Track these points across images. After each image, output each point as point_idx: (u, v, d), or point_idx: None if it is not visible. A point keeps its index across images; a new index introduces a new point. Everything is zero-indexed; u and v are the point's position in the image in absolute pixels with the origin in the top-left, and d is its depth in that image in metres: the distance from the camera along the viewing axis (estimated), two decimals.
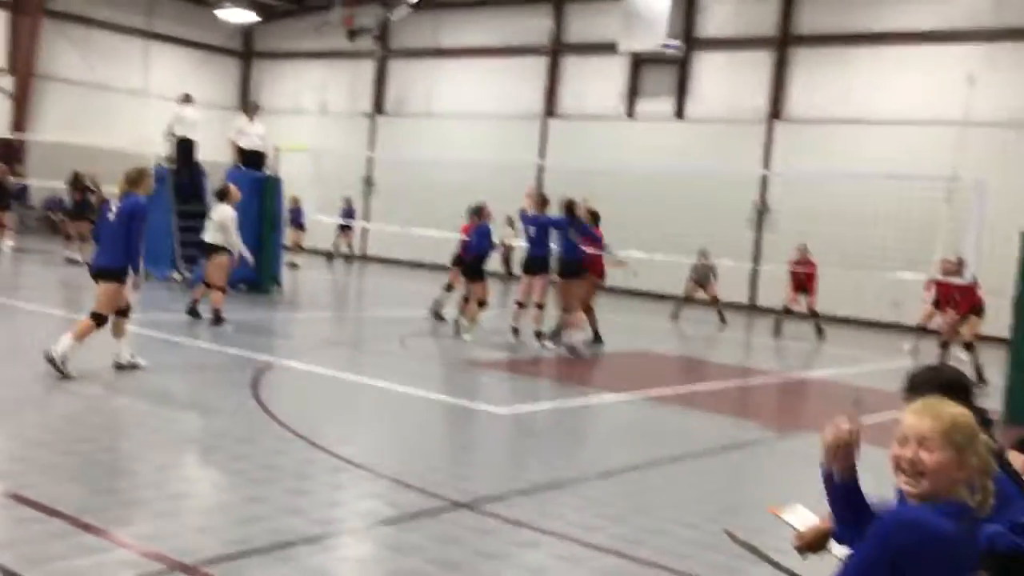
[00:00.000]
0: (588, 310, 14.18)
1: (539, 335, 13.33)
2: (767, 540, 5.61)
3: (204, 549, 4.78)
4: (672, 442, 8.64)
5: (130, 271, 8.94)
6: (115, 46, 30.75)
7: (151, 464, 6.32)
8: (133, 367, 9.15)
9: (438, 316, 14.86)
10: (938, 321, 14.69)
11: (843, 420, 3.03)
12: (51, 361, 8.43)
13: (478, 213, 14.58)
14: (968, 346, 13.64)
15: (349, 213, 27.05)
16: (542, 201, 13.95)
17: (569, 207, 13.54)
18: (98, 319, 8.81)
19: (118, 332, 9.16)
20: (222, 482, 6.16)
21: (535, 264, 13.71)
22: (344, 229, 27.41)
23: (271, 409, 8.15)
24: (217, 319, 12.70)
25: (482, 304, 13.98)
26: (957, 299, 13.80)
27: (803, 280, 18.03)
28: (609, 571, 5.07)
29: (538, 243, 13.68)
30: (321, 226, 25.27)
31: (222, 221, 13.09)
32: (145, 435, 7.05)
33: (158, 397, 8.41)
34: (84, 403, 7.90)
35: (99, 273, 9.03)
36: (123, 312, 9.17)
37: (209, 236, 13.26)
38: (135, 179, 9.12)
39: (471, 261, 14.28)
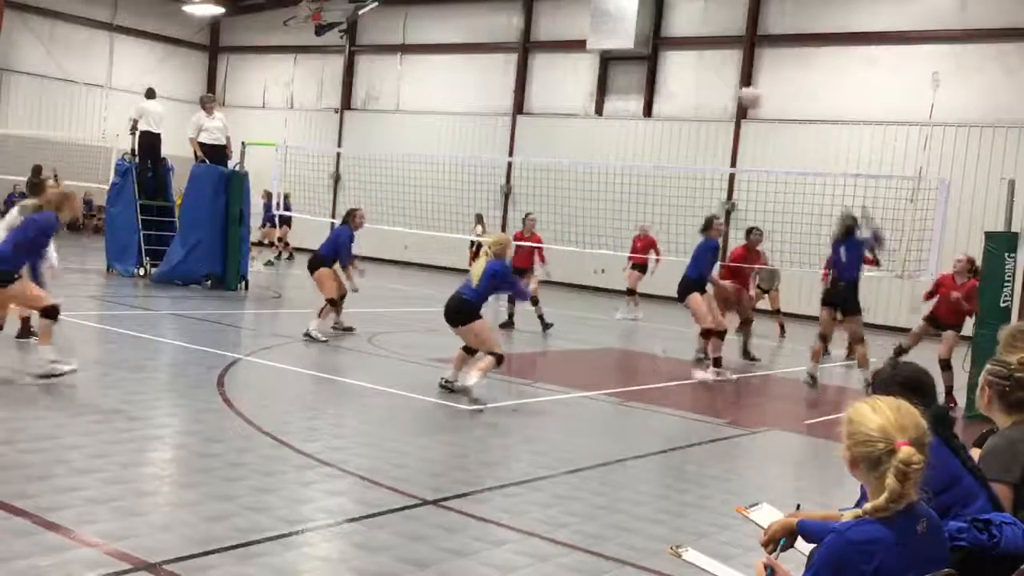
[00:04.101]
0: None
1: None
2: (733, 538, 5.66)
3: (170, 548, 4.74)
4: (639, 439, 8.67)
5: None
6: (79, 39, 30.44)
7: (115, 462, 6.26)
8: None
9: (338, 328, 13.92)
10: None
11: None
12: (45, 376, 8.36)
13: (348, 216, 13.70)
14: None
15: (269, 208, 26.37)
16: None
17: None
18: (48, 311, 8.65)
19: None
20: (188, 480, 6.12)
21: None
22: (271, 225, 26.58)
23: (237, 406, 8.11)
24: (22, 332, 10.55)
25: (333, 302, 12.91)
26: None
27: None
28: (577, 568, 5.08)
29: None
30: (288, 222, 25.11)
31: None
32: (109, 432, 6.98)
33: (123, 394, 8.32)
34: (47, 399, 7.82)
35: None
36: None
37: None
38: (57, 202, 8.91)
39: (313, 258, 13.41)
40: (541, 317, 15.55)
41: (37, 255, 9.03)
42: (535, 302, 15.48)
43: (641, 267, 19.13)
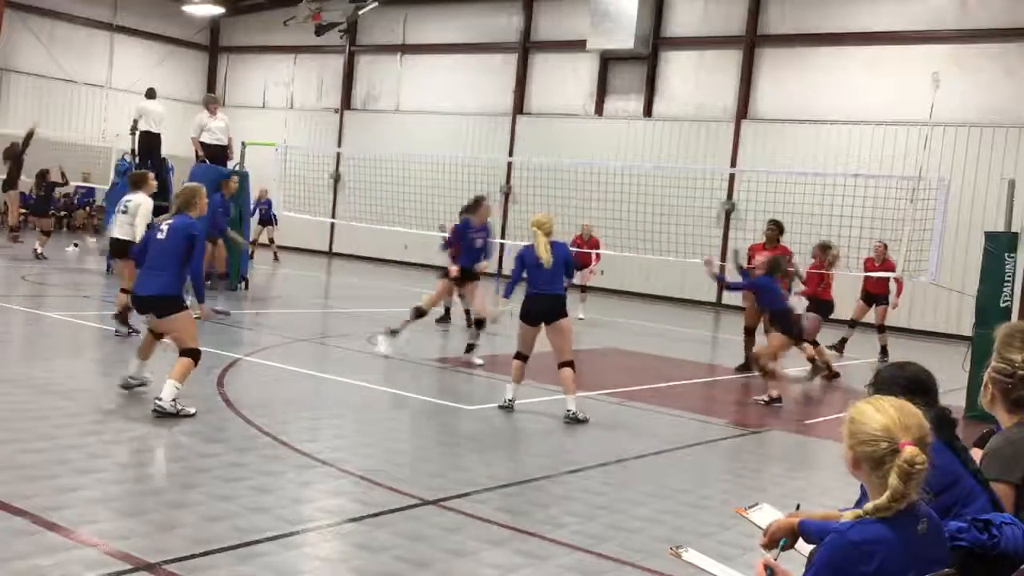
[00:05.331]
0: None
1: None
2: (733, 538, 5.65)
3: (170, 548, 4.74)
4: (639, 439, 8.66)
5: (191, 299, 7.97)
6: (79, 39, 30.43)
7: (116, 462, 6.26)
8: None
9: None
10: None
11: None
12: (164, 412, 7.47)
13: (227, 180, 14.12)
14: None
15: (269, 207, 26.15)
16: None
17: None
18: (194, 354, 7.83)
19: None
20: (188, 480, 6.11)
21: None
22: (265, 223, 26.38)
23: (237, 406, 8.11)
24: (122, 324, 11.06)
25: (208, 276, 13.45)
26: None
27: None
28: (577, 568, 5.08)
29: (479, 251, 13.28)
30: (288, 222, 25.11)
31: (134, 213, 11.14)
32: (110, 433, 6.98)
33: (123, 394, 8.32)
34: (47, 401, 7.81)
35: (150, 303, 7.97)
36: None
37: (118, 231, 11.39)
38: (180, 200, 8.16)
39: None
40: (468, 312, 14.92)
41: (187, 267, 7.95)
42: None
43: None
